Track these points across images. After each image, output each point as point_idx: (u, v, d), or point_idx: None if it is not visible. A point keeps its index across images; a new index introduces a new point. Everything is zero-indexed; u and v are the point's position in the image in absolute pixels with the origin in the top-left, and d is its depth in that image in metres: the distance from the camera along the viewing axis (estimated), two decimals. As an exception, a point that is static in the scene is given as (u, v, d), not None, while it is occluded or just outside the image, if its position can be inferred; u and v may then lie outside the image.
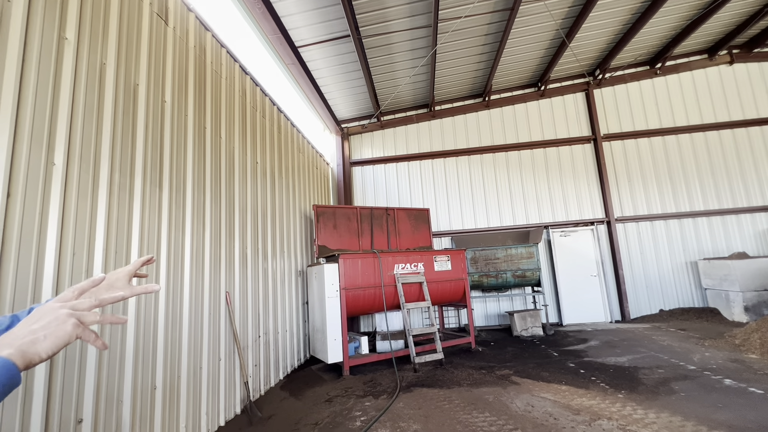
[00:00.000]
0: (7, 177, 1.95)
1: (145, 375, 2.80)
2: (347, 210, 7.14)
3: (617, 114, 8.98)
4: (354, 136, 9.56)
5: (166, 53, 3.43)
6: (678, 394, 3.76)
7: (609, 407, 3.53)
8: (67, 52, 2.39)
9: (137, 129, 2.97)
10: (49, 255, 2.13)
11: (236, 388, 4.03)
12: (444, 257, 6.50)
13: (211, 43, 4.23)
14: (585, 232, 8.54)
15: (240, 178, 4.57)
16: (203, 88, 3.98)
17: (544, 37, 7.44)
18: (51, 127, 2.23)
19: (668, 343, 5.81)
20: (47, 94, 2.22)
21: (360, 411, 3.86)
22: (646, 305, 8.22)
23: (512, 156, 9.10)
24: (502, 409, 3.63)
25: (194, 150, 3.68)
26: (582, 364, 5.03)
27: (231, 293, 4.12)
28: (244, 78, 4.96)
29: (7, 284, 1.91)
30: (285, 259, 5.75)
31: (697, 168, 8.58)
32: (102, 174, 2.57)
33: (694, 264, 8.20)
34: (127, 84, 2.89)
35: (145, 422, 2.75)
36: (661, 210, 8.52)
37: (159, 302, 3.01)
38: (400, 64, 7.31)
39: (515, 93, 9.32)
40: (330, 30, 5.91)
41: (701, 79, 8.92)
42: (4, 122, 1.96)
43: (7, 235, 1.94)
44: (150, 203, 3.01)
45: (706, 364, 4.64)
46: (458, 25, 6.47)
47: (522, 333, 7.24)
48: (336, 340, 5.37)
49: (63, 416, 2.13)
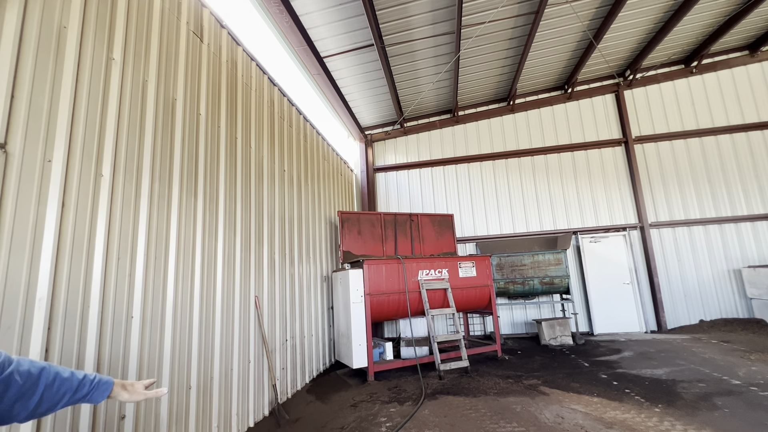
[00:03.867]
0: (63, 189, 2.12)
1: (181, 375, 2.93)
2: (371, 216, 7.21)
3: (650, 115, 8.64)
4: (377, 143, 9.65)
5: (201, 68, 3.62)
6: (721, 410, 3.55)
7: (645, 421, 3.37)
8: (114, 71, 2.57)
9: (175, 141, 3.14)
10: (97, 260, 2.29)
11: (265, 391, 4.14)
12: (469, 263, 6.44)
13: (242, 56, 4.41)
14: (616, 238, 8.23)
15: (268, 185, 4.72)
16: (234, 100, 4.16)
17: (571, 39, 7.29)
18: (100, 140, 2.41)
19: (710, 355, 5.49)
20: (97, 110, 2.40)
21: (385, 417, 3.87)
22: (685, 315, 7.80)
23: (538, 160, 8.91)
24: (531, 420, 3.55)
25: (226, 159, 3.84)
26: (615, 375, 4.83)
27: (260, 297, 4.24)
28: (272, 89, 5.14)
29: (61, 287, 2.06)
30: (311, 264, 5.87)
31: (739, 170, 8.11)
32: (144, 184, 2.74)
33: (737, 272, 7.72)
34: (166, 99, 3.07)
35: (181, 420, 2.88)
36: (699, 215, 8.09)
37: (194, 305, 3.15)
38: (423, 71, 7.35)
39: (541, 96, 9.15)
40: (354, 40, 6.03)
41: (742, 77, 8.46)
42: (60, 137, 2.13)
43: (62, 242, 2.10)
44: (186, 211, 3.17)
45: (753, 378, 4.36)
46: (482, 31, 6.45)
47: (550, 342, 7.03)
48: (361, 346, 5.41)
49: (108, 413, 2.27)
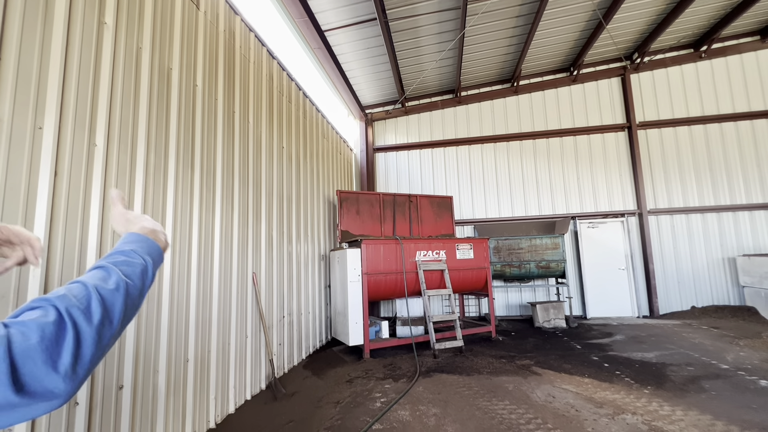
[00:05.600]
0: (55, 156, 2.07)
1: (179, 348, 2.95)
2: (370, 196, 7.16)
3: (655, 100, 8.50)
4: (378, 122, 9.50)
5: (197, 37, 3.49)
6: (708, 392, 3.63)
7: (634, 402, 3.45)
8: (107, 37, 2.47)
9: (171, 112, 3.06)
10: (92, 230, 2.25)
11: (262, 365, 4.20)
12: (466, 245, 6.45)
13: (240, 27, 4.26)
14: (614, 224, 8.24)
15: (267, 162, 4.65)
16: (232, 73, 4.04)
17: (580, 18, 7.08)
18: (92, 109, 2.33)
19: (700, 340, 5.59)
20: (89, 77, 2.32)
21: (380, 393, 3.95)
22: (677, 301, 7.91)
23: (540, 144, 8.82)
24: (523, 398, 3.62)
25: (224, 133, 3.77)
26: (606, 357, 4.93)
27: (257, 274, 4.25)
28: (271, 62, 5.00)
29: (56, 257, 2.04)
30: (309, 243, 5.86)
31: (741, 159, 8.05)
32: (139, 155, 2.68)
33: (731, 260, 7.79)
34: (161, 68, 2.97)
35: (179, 391, 2.92)
36: (698, 203, 8.09)
37: (191, 280, 3.14)
38: (427, 48, 7.16)
39: (546, 78, 8.97)
40: (356, 13, 5.83)
41: (751, 63, 8.28)
42: (51, 104, 2.06)
43: (55, 211, 2.06)
44: (183, 184, 3.12)
45: (741, 363, 4.45)
46: (488, 7, 6.25)
47: (544, 324, 7.14)
48: (357, 324, 5.47)
49: (106, 382, 2.29)
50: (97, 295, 0.53)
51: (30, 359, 0.43)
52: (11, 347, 0.42)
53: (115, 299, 0.54)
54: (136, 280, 0.60)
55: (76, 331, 0.48)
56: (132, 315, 0.58)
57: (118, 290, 0.55)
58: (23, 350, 0.43)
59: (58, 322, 0.47)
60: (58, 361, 0.45)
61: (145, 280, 0.62)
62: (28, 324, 0.45)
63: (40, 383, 0.44)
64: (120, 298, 0.55)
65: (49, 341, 0.45)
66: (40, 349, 0.44)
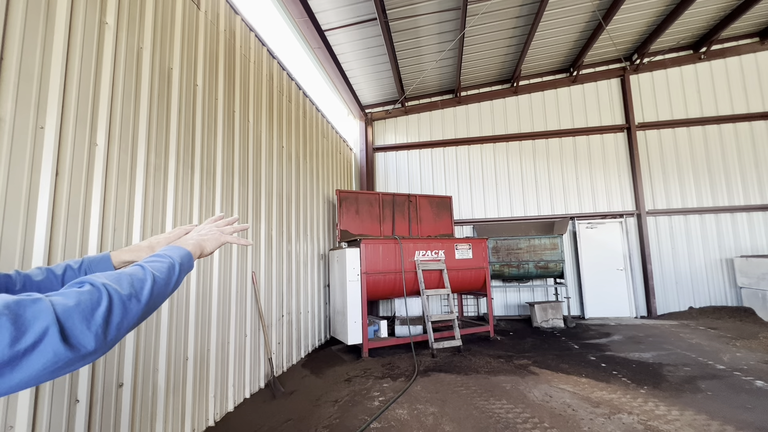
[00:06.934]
0: (56, 156, 2.08)
1: (178, 346, 2.97)
2: (369, 196, 7.18)
3: (654, 102, 8.53)
4: (378, 122, 9.52)
5: (198, 37, 3.50)
6: (704, 392, 3.66)
7: (630, 402, 3.48)
8: (108, 37, 2.48)
9: (171, 112, 3.07)
10: (93, 230, 2.27)
11: (261, 364, 4.22)
12: (465, 245, 6.47)
13: (241, 26, 4.27)
14: (613, 225, 8.27)
15: (266, 161, 4.67)
16: (233, 72, 4.05)
17: (579, 19, 7.10)
18: (93, 109, 2.34)
19: (697, 341, 5.62)
20: (90, 77, 2.33)
21: (378, 391, 3.97)
22: (675, 302, 7.94)
23: (539, 144, 8.84)
24: (520, 398, 3.65)
25: (224, 133, 3.78)
26: (603, 357, 4.96)
27: (257, 273, 4.26)
28: (271, 62, 5.01)
29: (56, 256, 2.05)
30: (308, 242, 5.88)
31: (740, 160, 8.08)
32: (139, 155, 2.69)
33: (729, 261, 7.82)
34: (162, 68, 2.98)
35: (178, 389, 2.94)
36: (696, 204, 8.12)
37: (191, 278, 3.16)
38: (427, 48, 7.17)
39: (545, 78, 8.99)
40: (357, 13, 5.84)
41: (750, 65, 8.31)
42: (52, 104, 2.07)
43: (56, 210, 2.07)
44: (183, 184, 3.14)
45: (737, 364, 4.48)
46: (489, 7, 6.26)
47: (542, 324, 7.17)
48: (356, 323, 5.49)
49: (106, 380, 2.30)
50: (128, 277, 0.68)
51: (70, 318, 0.54)
52: (55, 309, 0.53)
53: (144, 282, 0.70)
54: (163, 272, 0.76)
55: (109, 300, 0.60)
56: (159, 301, 0.74)
57: (146, 277, 0.71)
58: (64, 310, 0.54)
59: (92, 291, 0.59)
60: (91, 321, 0.57)
61: (171, 274, 0.78)
62: (67, 293, 0.57)
63: (78, 339, 0.54)
64: (148, 283, 0.70)
65: (84, 305, 0.57)
66: (77, 311, 0.55)
